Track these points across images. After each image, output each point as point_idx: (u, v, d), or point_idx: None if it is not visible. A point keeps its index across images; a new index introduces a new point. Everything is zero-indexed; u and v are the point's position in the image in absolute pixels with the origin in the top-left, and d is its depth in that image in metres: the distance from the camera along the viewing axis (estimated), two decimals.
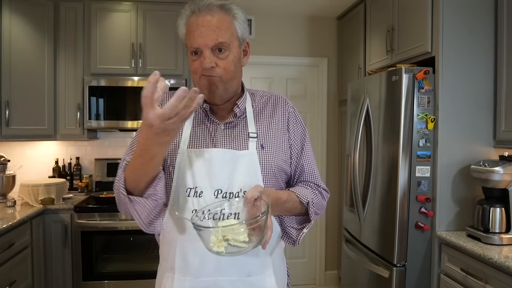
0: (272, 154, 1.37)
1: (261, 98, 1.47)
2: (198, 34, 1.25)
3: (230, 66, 1.29)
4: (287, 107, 1.47)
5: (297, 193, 1.36)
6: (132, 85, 3.63)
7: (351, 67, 3.98)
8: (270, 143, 1.38)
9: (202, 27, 1.25)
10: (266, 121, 1.42)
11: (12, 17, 3.36)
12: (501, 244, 2.29)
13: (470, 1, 2.57)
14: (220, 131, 1.36)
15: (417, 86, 2.59)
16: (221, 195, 1.27)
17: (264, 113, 1.44)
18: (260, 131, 1.38)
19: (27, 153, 3.90)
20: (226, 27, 1.28)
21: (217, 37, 1.25)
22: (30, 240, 3.05)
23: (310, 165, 1.48)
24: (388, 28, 3.12)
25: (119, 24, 3.69)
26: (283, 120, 1.44)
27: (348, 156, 3.37)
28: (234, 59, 1.30)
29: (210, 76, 1.27)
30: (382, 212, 2.83)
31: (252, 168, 1.32)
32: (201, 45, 1.26)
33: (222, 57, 1.27)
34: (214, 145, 1.33)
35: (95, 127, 3.65)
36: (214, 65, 1.26)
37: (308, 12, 4.25)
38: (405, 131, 2.60)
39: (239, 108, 1.37)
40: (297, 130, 1.46)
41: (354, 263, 3.26)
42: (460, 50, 2.57)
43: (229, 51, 1.28)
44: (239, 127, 1.38)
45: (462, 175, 2.59)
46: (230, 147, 1.33)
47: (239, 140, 1.35)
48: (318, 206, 1.43)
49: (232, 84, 1.33)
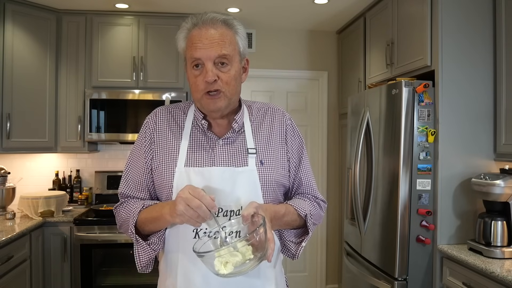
0: (272, 170, 1.35)
1: (259, 111, 1.46)
2: (201, 46, 1.24)
3: (231, 80, 1.28)
4: (285, 120, 1.46)
5: (295, 206, 1.35)
6: (133, 98, 3.65)
7: (351, 80, 4.00)
8: (269, 158, 1.37)
9: (206, 39, 1.25)
10: (265, 135, 1.40)
11: (15, 31, 3.39)
12: (503, 258, 2.27)
13: (468, 15, 2.59)
14: (218, 147, 1.34)
15: (417, 100, 2.60)
16: (221, 213, 1.26)
17: (262, 126, 1.42)
18: (258, 146, 1.37)
19: (27, 165, 3.90)
20: (229, 41, 1.27)
21: (221, 49, 1.24)
22: (29, 253, 3.03)
23: (308, 178, 1.47)
24: (388, 42, 3.14)
25: (121, 38, 3.72)
26: (280, 134, 1.43)
27: (349, 169, 3.36)
28: (235, 73, 1.29)
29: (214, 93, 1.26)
30: (383, 225, 2.81)
31: (252, 185, 1.31)
32: (203, 57, 1.24)
33: (224, 71, 1.26)
34: (213, 163, 1.32)
35: (95, 140, 3.66)
36: (217, 78, 1.25)
37: (308, 26, 4.28)
38: (406, 144, 2.61)
39: (237, 124, 1.36)
40: (295, 142, 1.45)
41: (355, 277, 3.23)
42: (459, 64, 2.58)
43: (231, 65, 1.27)
44: (238, 142, 1.36)
45: (463, 188, 2.58)
46: (229, 163, 1.32)
47: (238, 156, 1.34)
48: (316, 217, 1.42)
49: (234, 99, 1.33)
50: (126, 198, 1.40)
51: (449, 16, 2.57)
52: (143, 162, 1.37)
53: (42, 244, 3.25)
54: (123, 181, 1.41)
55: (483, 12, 2.60)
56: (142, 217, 1.29)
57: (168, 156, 1.34)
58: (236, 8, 3.71)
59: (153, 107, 1.50)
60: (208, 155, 1.33)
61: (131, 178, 1.39)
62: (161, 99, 3.65)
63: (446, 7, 2.56)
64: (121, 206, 1.39)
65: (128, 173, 1.41)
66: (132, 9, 3.69)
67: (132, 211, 1.31)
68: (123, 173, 1.42)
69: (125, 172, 1.42)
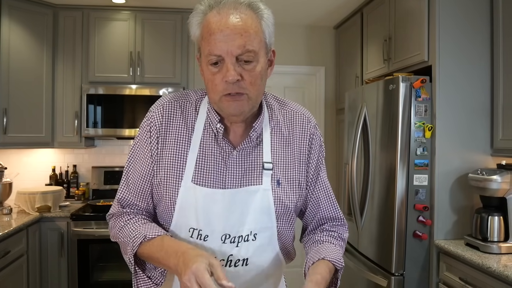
0: (289, 193, 1.16)
1: (280, 113, 1.21)
2: (221, 39, 1.00)
3: (257, 79, 1.04)
4: (309, 127, 1.22)
5: (333, 261, 1.14)
6: (130, 93, 3.64)
7: (348, 75, 4.00)
8: (287, 177, 1.17)
9: (227, 28, 1.00)
10: (284, 146, 1.18)
11: (11, 25, 3.37)
12: (499, 253, 2.28)
13: (466, 11, 2.59)
14: (232, 160, 1.13)
15: (414, 95, 2.60)
16: (229, 240, 1.10)
17: (282, 134, 1.19)
18: (276, 160, 1.16)
19: (24, 160, 3.89)
20: (254, 31, 1.02)
21: (245, 44, 1.00)
22: (26, 248, 3.02)
23: (328, 195, 1.26)
24: (385, 37, 3.14)
25: (118, 33, 3.70)
26: (302, 146, 1.20)
27: (346, 164, 3.36)
28: (261, 70, 1.06)
29: (235, 95, 1.04)
30: (380, 220, 2.82)
31: (266, 207, 1.13)
32: (223, 53, 1.00)
33: (248, 69, 1.03)
34: (224, 181, 1.12)
35: (92, 135, 3.65)
36: (240, 78, 1.02)
37: (305, 21, 4.27)
38: (403, 139, 2.61)
39: (256, 132, 1.14)
40: (315, 155, 1.23)
41: (352, 272, 3.24)
42: (456, 59, 2.58)
43: (257, 61, 1.04)
44: (254, 155, 1.15)
45: (460, 184, 2.59)
46: (242, 182, 1.12)
47: (252, 172, 1.14)
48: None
49: (258, 101, 1.11)
50: (127, 206, 1.18)
51: (446, 12, 2.56)
52: (149, 165, 1.16)
53: (39, 239, 3.24)
54: (124, 185, 1.19)
55: (481, 8, 2.60)
56: (144, 252, 1.08)
57: (174, 166, 1.13)
58: None
59: (151, 102, 1.32)
60: (220, 170, 1.12)
61: (134, 183, 1.17)
62: (158, 94, 3.64)
63: (444, 3, 2.56)
64: (119, 220, 1.17)
65: (130, 176, 1.18)
66: (129, 4, 3.68)
67: (132, 238, 1.09)
68: (124, 176, 1.20)
69: (126, 174, 1.19)
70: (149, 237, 1.07)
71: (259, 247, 1.14)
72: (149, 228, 1.11)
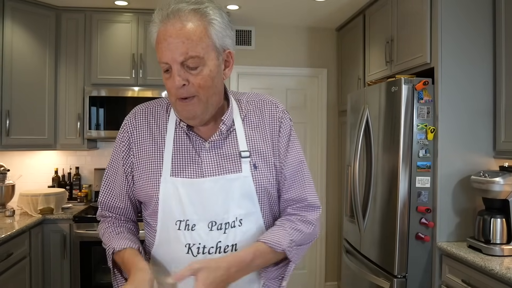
0: (267, 173, 1.22)
1: (249, 104, 1.29)
2: (166, 47, 1.07)
3: (206, 81, 1.10)
4: (277, 112, 1.29)
5: (270, 243, 1.15)
6: (133, 95, 3.65)
7: (350, 77, 4.00)
8: (264, 162, 1.22)
9: (170, 37, 1.07)
10: (257, 133, 1.24)
11: (14, 27, 3.38)
12: (502, 255, 2.28)
13: (468, 12, 2.59)
14: (205, 152, 1.20)
15: (416, 97, 2.60)
16: (215, 227, 1.16)
17: (254, 123, 1.26)
18: (251, 147, 1.22)
19: (27, 162, 3.89)
20: (198, 37, 1.08)
21: (187, 50, 1.07)
22: (29, 250, 3.03)
23: (295, 176, 1.27)
24: (387, 39, 3.14)
25: (120, 35, 3.71)
26: (274, 130, 1.26)
27: (348, 166, 3.36)
28: (211, 73, 1.11)
29: (185, 99, 1.11)
30: (382, 222, 2.82)
31: (248, 193, 1.19)
32: (169, 60, 1.08)
33: (194, 73, 1.09)
34: (202, 171, 1.18)
35: (95, 137, 3.66)
36: (186, 83, 1.09)
37: (307, 23, 4.28)
38: (405, 141, 2.61)
39: (225, 125, 1.20)
40: (285, 137, 1.27)
41: (354, 274, 3.24)
42: (459, 61, 2.58)
43: (204, 65, 1.09)
44: (228, 145, 1.21)
45: (462, 186, 2.58)
46: (220, 171, 1.18)
47: (229, 161, 1.20)
48: (302, 240, 1.26)
49: (213, 101, 1.16)
50: (106, 208, 1.31)
51: (448, 14, 2.56)
52: (122, 169, 1.26)
53: (42, 241, 3.25)
54: (103, 189, 1.31)
55: (483, 10, 2.60)
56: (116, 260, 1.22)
57: (151, 164, 1.21)
58: (235, 5, 3.70)
59: None
60: (195, 162, 1.19)
61: (111, 186, 1.30)
62: (160, 96, 3.64)
63: (446, 5, 2.56)
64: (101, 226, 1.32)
65: (108, 181, 1.31)
66: (131, 6, 3.69)
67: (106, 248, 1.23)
68: (103, 180, 1.32)
69: (105, 179, 1.31)
70: (116, 250, 1.20)
71: (246, 232, 1.19)
72: (118, 239, 1.23)
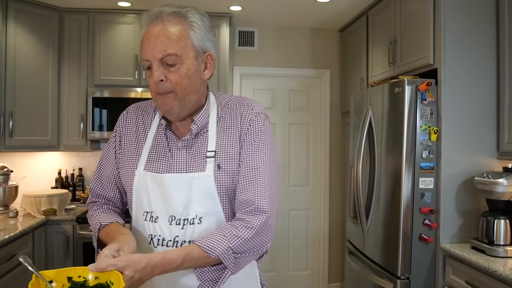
0: (229, 174, 1.23)
1: (227, 107, 1.32)
2: (147, 45, 1.18)
3: (183, 79, 1.18)
4: (250, 113, 1.29)
5: (204, 247, 1.11)
6: (136, 96, 3.65)
7: (353, 78, 3.99)
8: (228, 161, 1.24)
9: (151, 36, 1.18)
10: (227, 135, 1.27)
11: (17, 29, 3.39)
12: (506, 257, 2.27)
13: (471, 13, 2.58)
14: (177, 149, 1.27)
15: (419, 98, 2.59)
16: (175, 221, 1.22)
17: (227, 125, 1.29)
18: (220, 148, 1.25)
19: (30, 163, 3.90)
20: (177, 37, 1.17)
21: (165, 48, 1.16)
22: (32, 251, 3.03)
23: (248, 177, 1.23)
24: (390, 40, 3.14)
25: (123, 36, 3.72)
26: (242, 130, 1.27)
27: (351, 167, 3.36)
28: (188, 72, 1.19)
29: (163, 94, 1.19)
30: (385, 224, 2.81)
31: (209, 192, 1.22)
32: (150, 57, 1.18)
33: (172, 70, 1.18)
34: (170, 167, 1.25)
35: (98, 138, 3.66)
36: (164, 79, 1.17)
37: (310, 24, 4.27)
38: (408, 142, 2.60)
39: (196, 125, 1.26)
40: (249, 138, 1.26)
41: (357, 276, 3.23)
42: (462, 62, 2.57)
43: (182, 63, 1.18)
44: (197, 145, 1.27)
45: (466, 187, 2.58)
46: (187, 169, 1.24)
47: (196, 160, 1.25)
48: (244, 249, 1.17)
49: (190, 99, 1.22)
50: (96, 196, 1.42)
51: (451, 14, 2.56)
52: (113, 162, 1.38)
53: (45, 242, 3.26)
54: (94, 178, 1.42)
55: (486, 10, 2.59)
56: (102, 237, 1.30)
57: (131, 158, 1.32)
58: (238, 6, 3.70)
59: None
60: (167, 159, 1.27)
61: (100, 176, 1.41)
62: None
63: (449, 5, 2.55)
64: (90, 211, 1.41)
65: (99, 170, 1.42)
66: (134, 7, 3.69)
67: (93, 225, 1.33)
68: (95, 170, 1.43)
69: (97, 169, 1.43)
70: (103, 224, 1.28)
71: (205, 231, 1.22)
72: (105, 216, 1.32)
